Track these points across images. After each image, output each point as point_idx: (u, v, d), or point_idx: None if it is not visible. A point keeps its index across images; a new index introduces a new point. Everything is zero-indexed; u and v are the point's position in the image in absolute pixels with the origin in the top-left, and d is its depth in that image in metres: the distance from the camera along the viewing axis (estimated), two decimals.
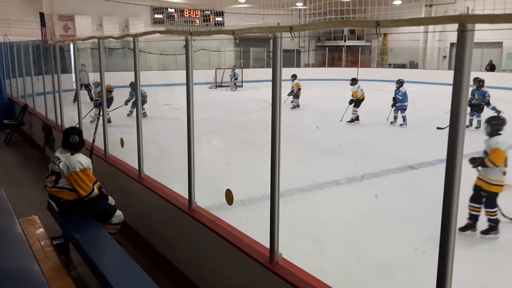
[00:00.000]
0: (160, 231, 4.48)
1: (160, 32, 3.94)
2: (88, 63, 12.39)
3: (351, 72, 28.33)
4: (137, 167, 4.83)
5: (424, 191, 6.19)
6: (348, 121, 12.09)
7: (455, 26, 1.69)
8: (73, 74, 8.23)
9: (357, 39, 31.24)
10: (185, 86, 3.71)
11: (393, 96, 12.03)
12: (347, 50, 30.89)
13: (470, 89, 11.11)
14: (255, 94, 18.79)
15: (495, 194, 4.79)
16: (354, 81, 12.67)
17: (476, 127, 10.81)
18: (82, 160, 4.20)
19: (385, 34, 30.25)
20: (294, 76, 15.08)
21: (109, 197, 4.52)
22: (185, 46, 3.66)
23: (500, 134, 4.87)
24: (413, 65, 28.83)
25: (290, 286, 2.65)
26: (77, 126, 6.34)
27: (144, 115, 11.44)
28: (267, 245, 2.90)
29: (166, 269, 4.22)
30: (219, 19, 4.48)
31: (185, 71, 3.70)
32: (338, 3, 2.30)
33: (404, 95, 11.89)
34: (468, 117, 10.79)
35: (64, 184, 4.17)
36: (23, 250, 3.38)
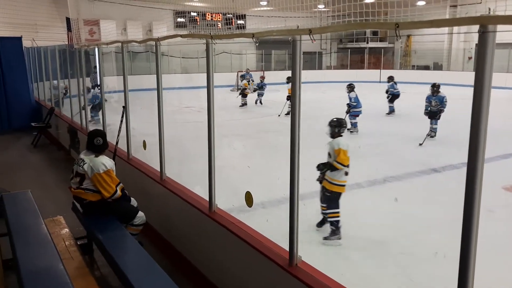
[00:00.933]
0: (181, 233, 4.53)
1: (181, 36, 4.00)
2: (112, 66, 12.64)
3: (373, 74, 28.14)
4: (159, 169, 4.90)
5: (447, 195, 6.07)
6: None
7: (477, 27, 1.67)
8: (98, 78, 8.40)
9: (380, 41, 30.93)
10: (204, 89, 3.75)
11: (347, 102, 11.42)
12: (369, 52, 30.62)
13: (425, 95, 10.54)
14: (276, 96, 18.79)
15: (338, 194, 4.91)
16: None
17: (432, 136, 10.21)
18: (105, 162, 4.28)
19: (408, 36, 29.85)
20: (289, 79, 14.86)
21: (132, 198, 4.60)
22: (206, 50, 3.70)
23: (341, 135, 5.03)
24: (437, 67, 28.35)
25: None
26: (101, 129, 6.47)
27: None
28: (287, 248, 2.90)
29: (186, 270, 4.26)
30: (240, 22, 4.51)
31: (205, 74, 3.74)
32: (359, 5, 2.30)
33: (357, 100, 11.27)
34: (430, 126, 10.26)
35: (88, 186, 4.26)
36: (48, 250, 3.48)
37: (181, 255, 4.43)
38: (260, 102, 16.71)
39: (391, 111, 14.29)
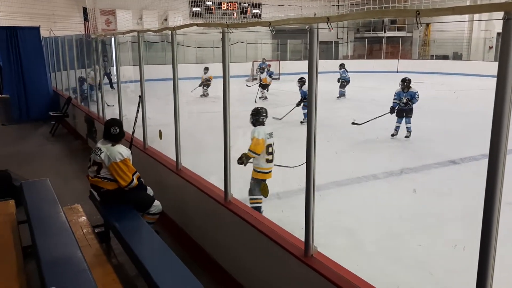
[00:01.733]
0: (196, 222, 4.56)
1: (197, 25, 3.98)
2: (129, 56, 12.73)
3: (391, 64, 27.74)
4: (174, 159, 4.92)
5: (466, 187, 5.98)
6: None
7: (501, 15, 1.62)
8: (114, 68, 8.46)
9: (398, 30, 30.41)
10: (221, 79, 3.73)
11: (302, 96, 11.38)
12: (387, 41, 30.15)
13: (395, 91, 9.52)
14: (292, 86, 18.68)
15: (260, 181, 4.90)
16: (301, 82, 11.56)
17: (406, 136, 9.38)
18: (122, 151, 4.31)
19: (427, 24, 29.28)
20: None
21: (148, 187, 4.63)
22: (222, 39, 3.67)
23: (263, 124, 5.05)
24: (457, 56, 27.76)
25: (324, 279, 2.63)
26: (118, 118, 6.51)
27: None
28: (303, 239, 2.89)
29: (201, 258, 4.29)
30: (256, 11, 4.49)
31: (221, 64, 3.72)
32: None
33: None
34: (395, 125, 9.43)
35: (105, 174, 4.30)
36: (67, 237, 3.53)
37: (197, 244, 4.46)
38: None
39: (341, 95, 15.67)
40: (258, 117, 5.06)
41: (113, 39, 7.59)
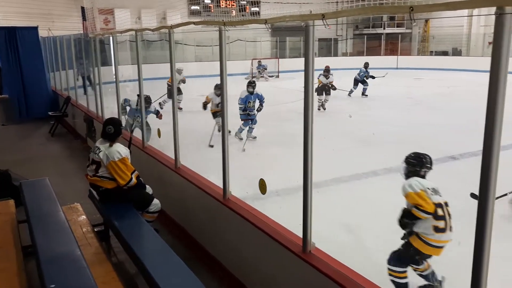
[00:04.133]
0: (196, 220, 4.57)
1: (194, 23, 3.98)
2: (127, 55, 12.71)
3: (390, 60, 27.72)
4: (173, 157, 4.93)
5: (465, 183, 5.98)
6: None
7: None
8: (113, 67, 8.45)
9: (397, 26, 30.38)
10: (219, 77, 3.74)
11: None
12: (386, 38, 30.12)
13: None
14: (291, 84, 18.69)
15: (423, 255, 3.47)
16: (217, 88, 8.89)
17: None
18: (120, 150, 4.32)
19: (426, 20, 29.25)
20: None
21: (147, 186, 4.65)
22: (219, 37, 3.68)
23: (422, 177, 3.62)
24: (457, 52, 27.73)
25: (322, 275, 2.65)
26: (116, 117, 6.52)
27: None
28: (301, 235, 2.91)
29: (201, 256, 4.31)
30: (255, 9, 4.48)
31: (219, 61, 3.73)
32: None
33: (245, 101, 8.89)
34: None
35: (104, 173, 4.32)
36: (66, 236, 3.54)
37: (196, 242, 4.48)
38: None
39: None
40: (416, 167, 3.60)
41: (111, 38, 7.59)
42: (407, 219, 3.39)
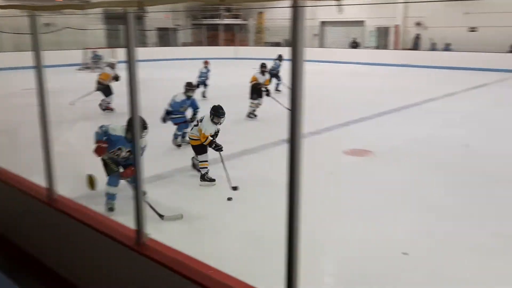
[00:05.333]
0: (19, 227, 4.13)
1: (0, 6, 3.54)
2: None
3: (228, 50, 28.75)
4: None
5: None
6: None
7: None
8: None
9: (234, 18, 31.58)
10: (48, 69, 3.40)
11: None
12: (224, 29, 31.05)
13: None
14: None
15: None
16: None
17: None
18: None
19: (260, 13, 31.04)
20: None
21: None
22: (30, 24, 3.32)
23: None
24: (288, 43, 29.95)
25: (156, 264, 2.64)
26: None
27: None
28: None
29: (28, 265, 3.92)
30: None
31: (48, 51, 3.37)
32: None
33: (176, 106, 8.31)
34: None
35: None
36: None
37: (21, 249, 4.05)
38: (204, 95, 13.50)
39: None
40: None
41: None
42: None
